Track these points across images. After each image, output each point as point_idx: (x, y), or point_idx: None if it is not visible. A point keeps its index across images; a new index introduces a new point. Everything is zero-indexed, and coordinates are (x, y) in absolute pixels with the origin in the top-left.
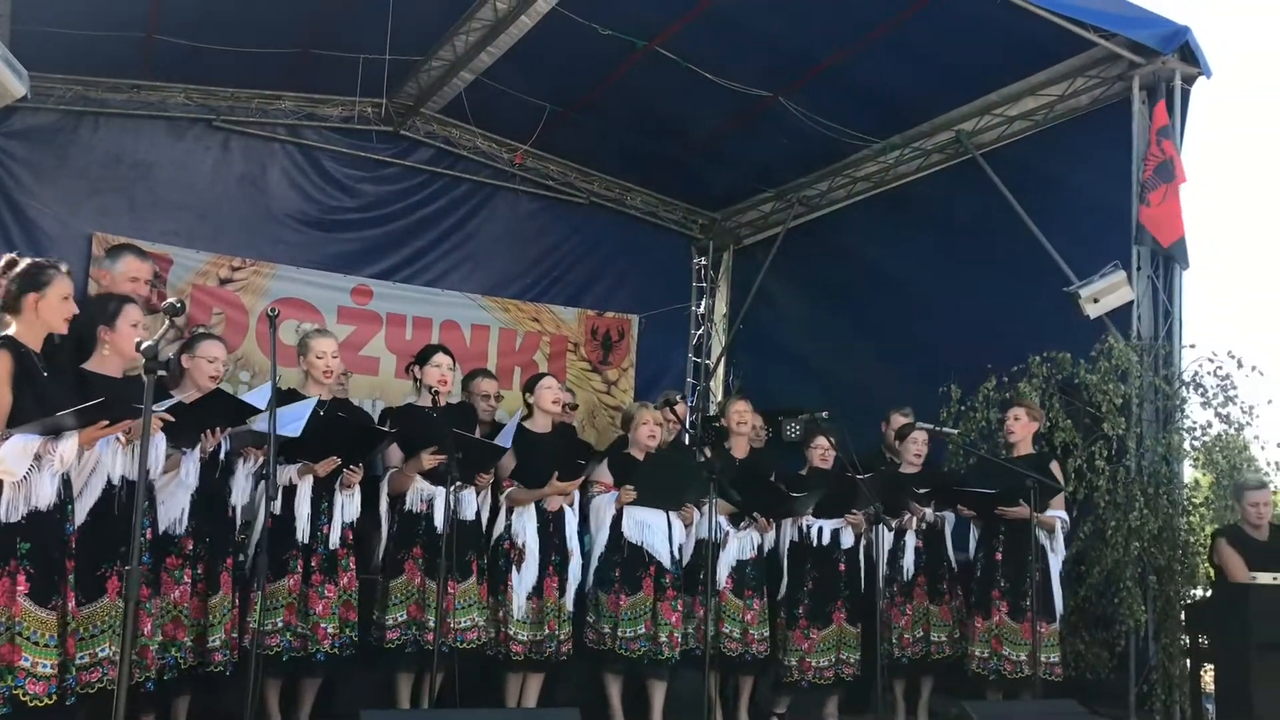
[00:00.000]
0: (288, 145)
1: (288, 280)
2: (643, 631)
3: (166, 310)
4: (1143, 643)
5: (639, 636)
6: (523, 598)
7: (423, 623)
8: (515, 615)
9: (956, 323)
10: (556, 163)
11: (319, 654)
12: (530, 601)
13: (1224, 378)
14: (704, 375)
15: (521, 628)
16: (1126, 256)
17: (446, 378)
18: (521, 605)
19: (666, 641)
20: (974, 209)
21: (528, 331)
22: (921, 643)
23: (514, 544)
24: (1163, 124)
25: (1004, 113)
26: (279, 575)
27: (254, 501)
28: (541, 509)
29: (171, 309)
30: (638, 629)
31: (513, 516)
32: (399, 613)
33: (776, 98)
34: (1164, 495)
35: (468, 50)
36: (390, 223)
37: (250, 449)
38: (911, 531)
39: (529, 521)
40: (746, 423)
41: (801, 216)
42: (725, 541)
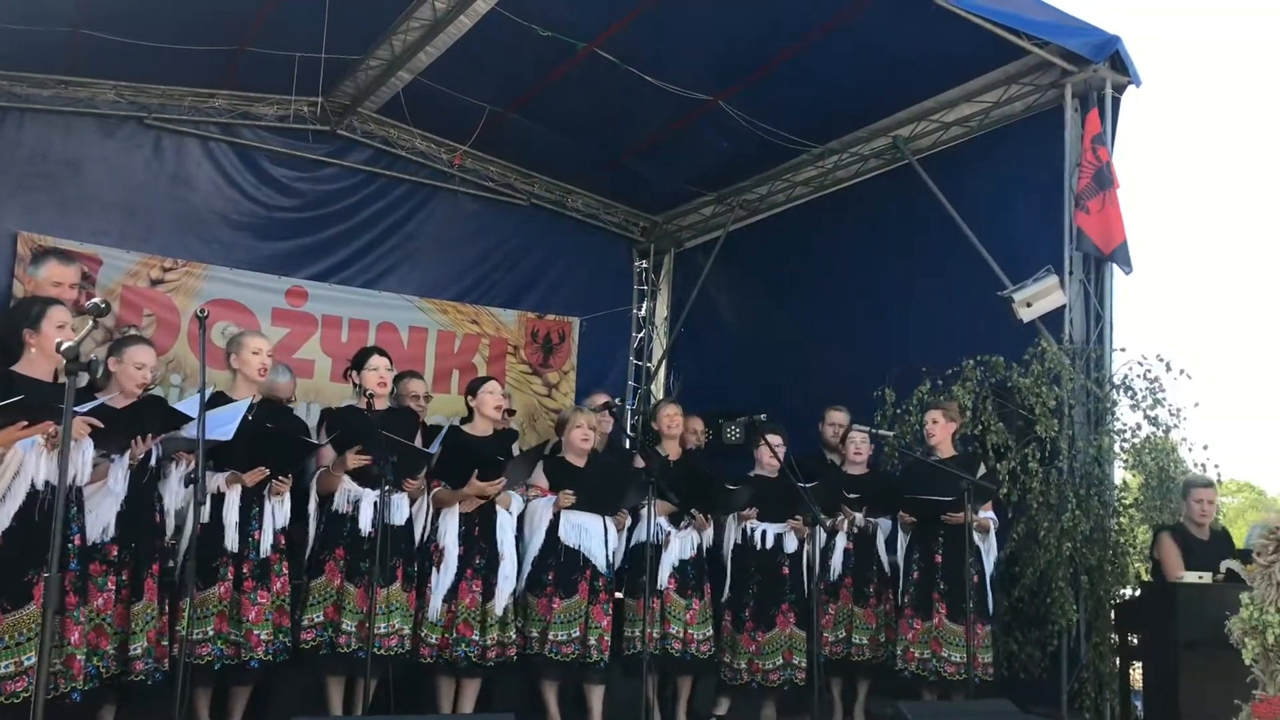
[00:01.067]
0: (221, 144)
1: (220, 281)
2: (576, 635)
3: (91, 311)
4: (1074, 642)
5: (571, 640)
6: (438, 600)
7: (338, 625)
8: (430, 617)
9: (893, 326)
10: (496, 164)
11: (253, 661)
12: (447, 604)
13: (1153, 380)
14: (645, 378)
15: (433, 630)
16: (1059, 261)
17: (385, 379)
18: (437, 607)
19: (596, 645)
20: (911, 213)
21: (466, 334)
22: (843, 644)
23: (437, 546)
24: (1096, 131)
25: (940, 119)
26: (208, 583)
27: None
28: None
29: (96, 309)
30: (571, 632)
31: (439, 519)
32: (316, 614)
33: (716, 101)
34: (1095, 496)
35: (406, 49)
36: (326, 223)
37: (182, 453)
38: (842, 534)
39: (451, 524)
40: (677, 425)
41: (742, 220)
42: (667, 542)
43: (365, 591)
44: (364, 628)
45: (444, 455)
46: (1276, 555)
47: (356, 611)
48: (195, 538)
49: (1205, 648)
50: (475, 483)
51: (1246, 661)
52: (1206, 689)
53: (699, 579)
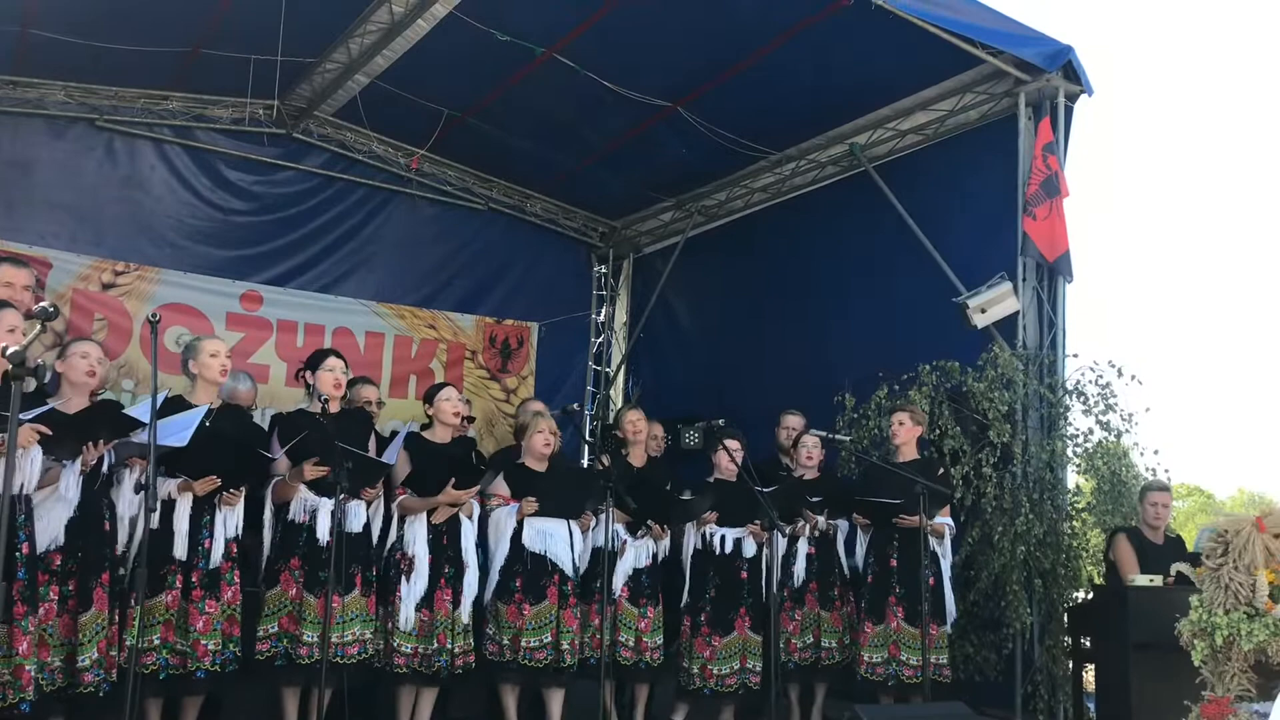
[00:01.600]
0: (175, 147)
1: (174, 285)
2: (548, 640)
3: (38, 315)
4: (1029, 645)
5: (544, 646)
6: (410, 609)
7: (295, 636)
8: (402, 627)
9: (850, 332)
10: (454, 168)
11: (199, 671)
12: (420, 613)
13: (1104, 386)
14: (604, 383)
15: (407, 639)
16: (1013, 268)
17: (340, 381)
18: (409, 617)
19: (568, 649)
20: (867, 220)
21: (424, 339)
22: (812, 649)
23: (404, 554)
24: (1047, 140)
25: (896, 127)
26: (156, 591)
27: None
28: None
29: (44, 313)
30: (543, 638)
31: (405, 527)
32: (271, 624)
33: (675, 108)
34: (1048, 501)
35: (363, 53)
36: (282, 227)
37: (136, 460)
38: (804, 538)
39: (419, 531)
40: (641, 431)
41: (700, 226)
42: (623, 550)
43: (325, 601)
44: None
45: (417, 463)
46: (1225, 559)
47: (317, 621)
48: (145, 545)
49: (1156, 650)
50: (450, 490)
51: (1195, 663)
52: (1157, 690)
53: (653, 588)
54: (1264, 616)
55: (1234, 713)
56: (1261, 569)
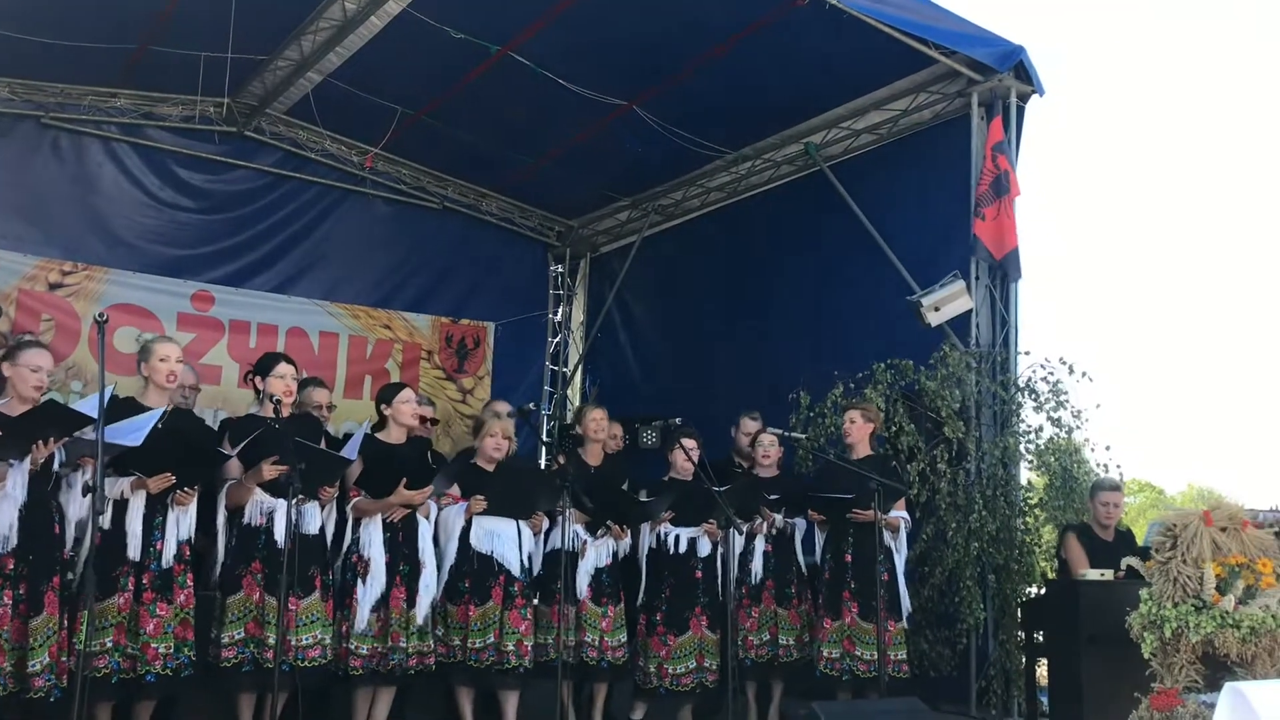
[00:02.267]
0: (123, 145)
1: (123, 285)
2: (491, 641)
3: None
4: (983, 640)
5: (487, 647)
6: (366, 611)
7: (261, 640)
8: (357, 628)
9: (806, 330)
10: (409, 167)
11: (149, 675)
12: (375, 615)
13: (1055, 383)
14: (561, 383)
15: (363, 641)
16: (966, 267)
17: (291, 388)
18: (365, 618)
19: (514, 650)
20: (823, 219)
21: (379, 339)
22: (769, 645)
23: (360, 556)
24: (998, 140)
25: (850, 126)
26: (108, 593)
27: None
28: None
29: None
30: (486, 639)
31: (360, 529)
32: (236, 630)
33: (631, 107)
34: (1001, 497)
35: (315, 50)
36: (234, 227)
37: (87, 459)
38: (761, 536)
39: (375, 533)
40: (603, 430)
41: (657, 225)
42: (584, 550)
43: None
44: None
45: (369, 465)
46: (1173, 552)
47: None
48: (94, 547)
49: (1107, 643)
50: (403, 491)
51: (1145, 655)
52: (1109, 683)
53: (614, 586)
54: (1211, 609)
55: (1182, 703)
56: (1208, 562)
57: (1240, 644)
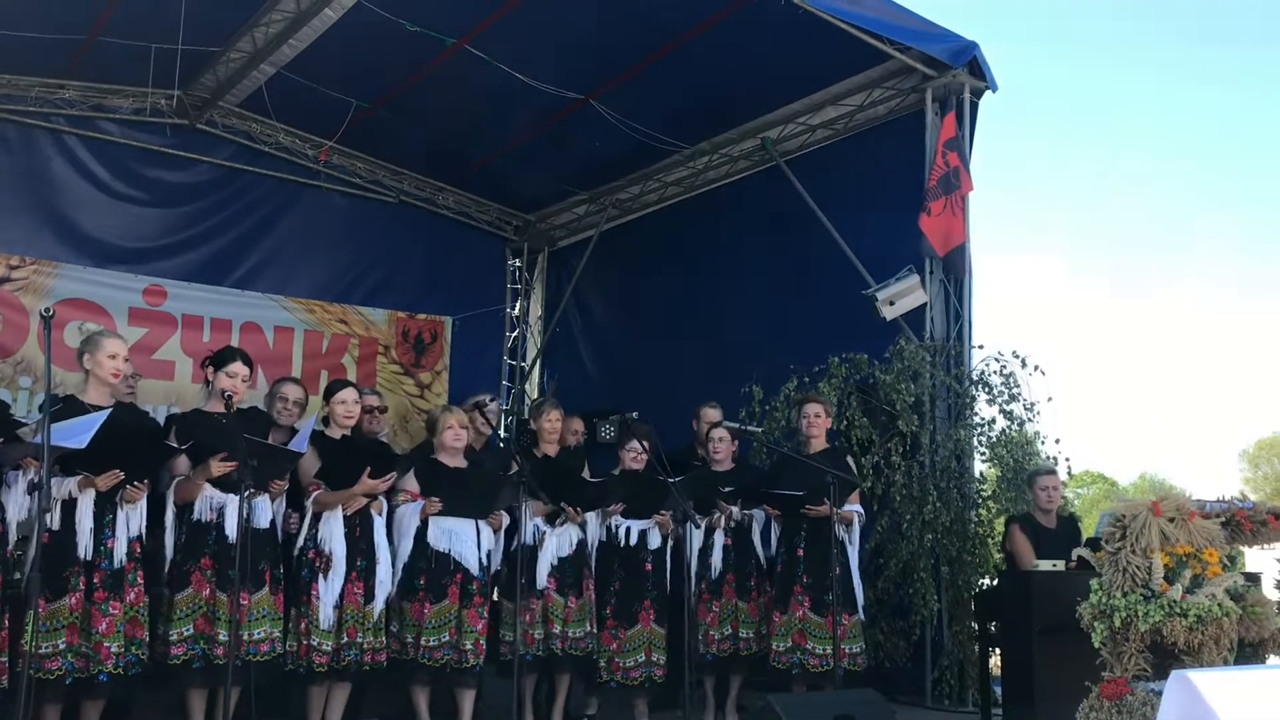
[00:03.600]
0: (72, 137)
1: (73, 280)
2: (446, 640)
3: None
4: (937, 631)
5: (442, 645)
6: (329, 607)
7: (211, 637)
8: (320, 625)
9: (763, 324)
10: (364, 160)
11: (102, 674)
12: (335, 610)
13: (1008, 376)
14: (519, 378)
15: (326, 638)
16: (921, 261)
17: (240, 390)
18: (328, 615)
19: (471, 649)
20: (779, 214)
21: (335, 334)
22: (730, 640)
23: (319, 552)
24: (949, 136)
25: (807, 121)
26: (59, 594)
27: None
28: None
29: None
30: (441, 637)
31: (319, 524)
32: (184, 627)
33: (588, 100)
34: (955, 489)
35: (269, 42)
36: (186, 220)
37: (30, 460)
38: (720, 530)
39: (336, 528)
40: (557, 432)
41: (615, 219)
42: (542, 541)
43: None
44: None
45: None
46: (1123, 543)
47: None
48: (41, 547)
49: (1059, 633)
50: (366, 481)
51: (1095, 644)
52: (1060, 672)
53: (577, 576)
54: (1160, 598)
55: (1131, 692)
56: (1157, 552)
57: (1187, 632)
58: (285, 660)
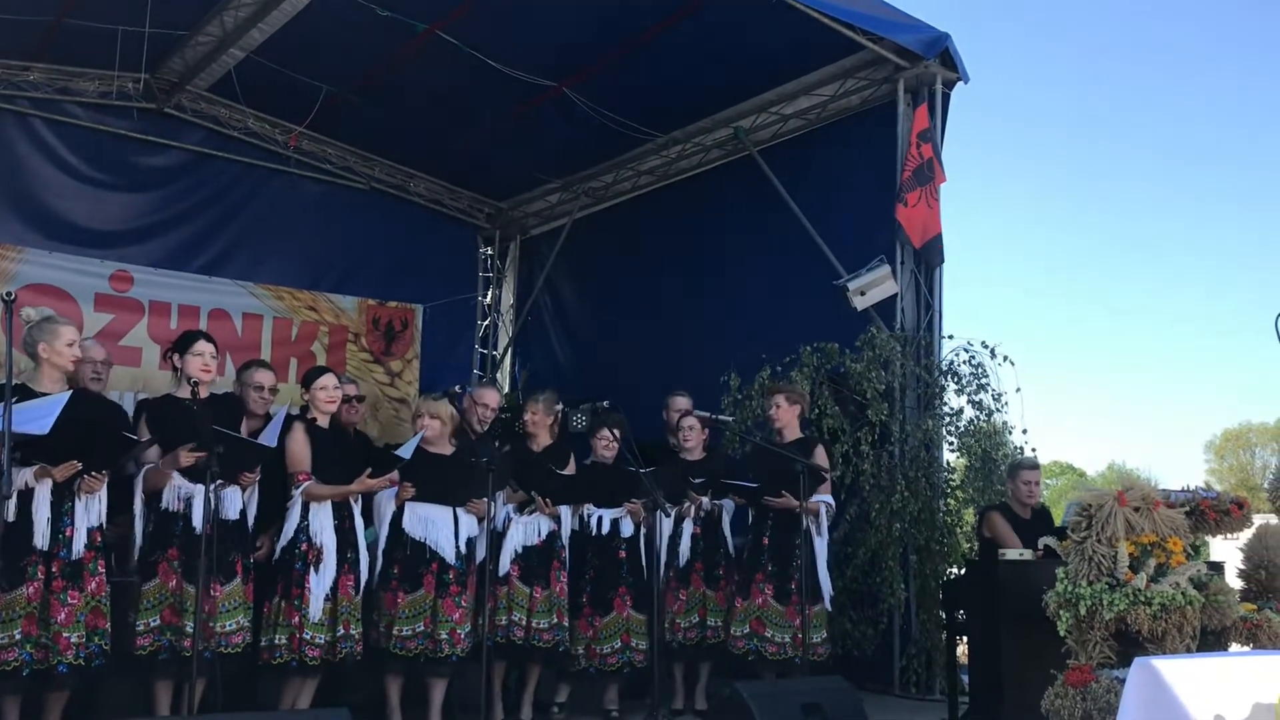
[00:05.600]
0: (38, 120)
1: (38, 265)
2: (421, 629)
3: None
4: (905, 620)
5: (416, 635)
6: (320, 600)
7: (179, 628)
8: (312, 618)
9: (736, 314)
10: (335, 147)
11: (61, 665)
12: (326, 603)
13: (977, 366)
14: (491, 366)
15: (319, 630)
16: (892, 251)
17: (209, 366)
18: (319, 608)
19: (448, 639)
20: (752, 204)
21: (304, 321)
22: (697, 628)
23: (311, 544)
24: (923, 127)
25: (779, 111)
26: (15, 584)
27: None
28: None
29: None
30: (416, 627)
31: (309, 516)
32: (151, 618)
33: (561, 88)
34: (924, 478)
35: (238, 26)
36: (154, 206)
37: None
38: (689, 519)
39: (326, 520)
40: (536, 424)
41: (587, 208)
42: (506, 528)
43: (206, 591)
44: (207, 628)
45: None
46: (1089, 532)
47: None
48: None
49: (1026, 621)
50: (366, 480)
51: (1061, 633)
52: (1027, 660)
53: (544, 567)
54: (1124, 586)
55: (1095, 679)
56: (1122, 540)
57: (1151, 620)
58: (278, 654)
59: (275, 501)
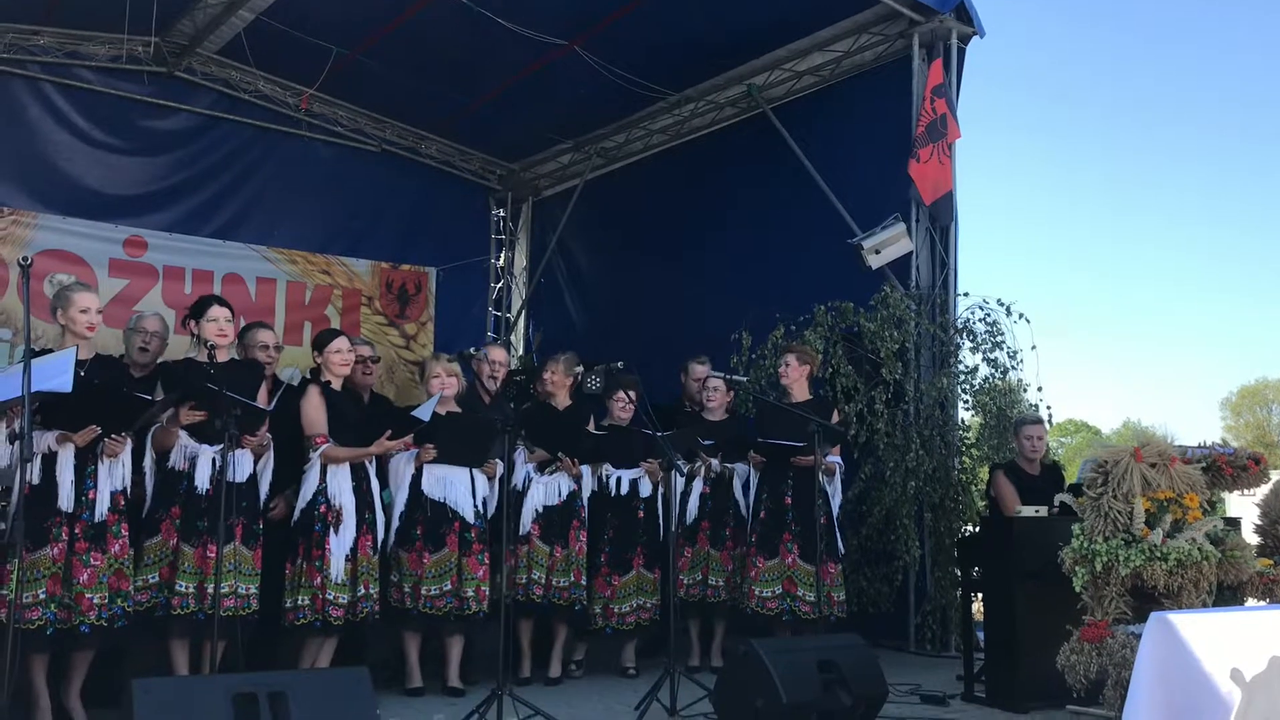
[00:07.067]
0: (49, 85)
1: (52, 231)
2: (448, 588)
3: None
4: (920, 577)
5: (444, 594)
6: (341, 561)
7: (173, 585)
8: (335, 580)
9: (749, 273)
10: (346, 108)
11: (83, 625)
12: (347, 564)
13: (992, 324)
14: (504, 329)
15: (342, 591)
16: (907, 209)
17: (225, 331)
18: (340, 569)
19: (473, 596)
20: (765, 162)
21: (318, 285)
22: (699, 585)
23: (330, 506)
24: (937, 83)
25: (793, 68)
26: (40, 544)
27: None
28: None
29: None
30: (443, 586)
31: (327, 478)
32: (150, 574)
33: (572, 47)
34: (938, 437)
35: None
36: (166, 170)
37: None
38: (699, 479)
39: (345, 482)
40: (558, 384)
41: (599, 168)
42: (527, 487)
43: (202, 551)
44: (203, 589)
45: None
46: (1104, 488)
47: (194, 572)
48: (23, 497)
49: (1041, 578)
50: (384, 442)
51: (1077, 589)
52: (1042, 617)
53: (564, 527)
54: (1140, 542)
55: (1111, 634)
56: (1138, 496)
57: (1167, 576)
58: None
59: (289, 464)
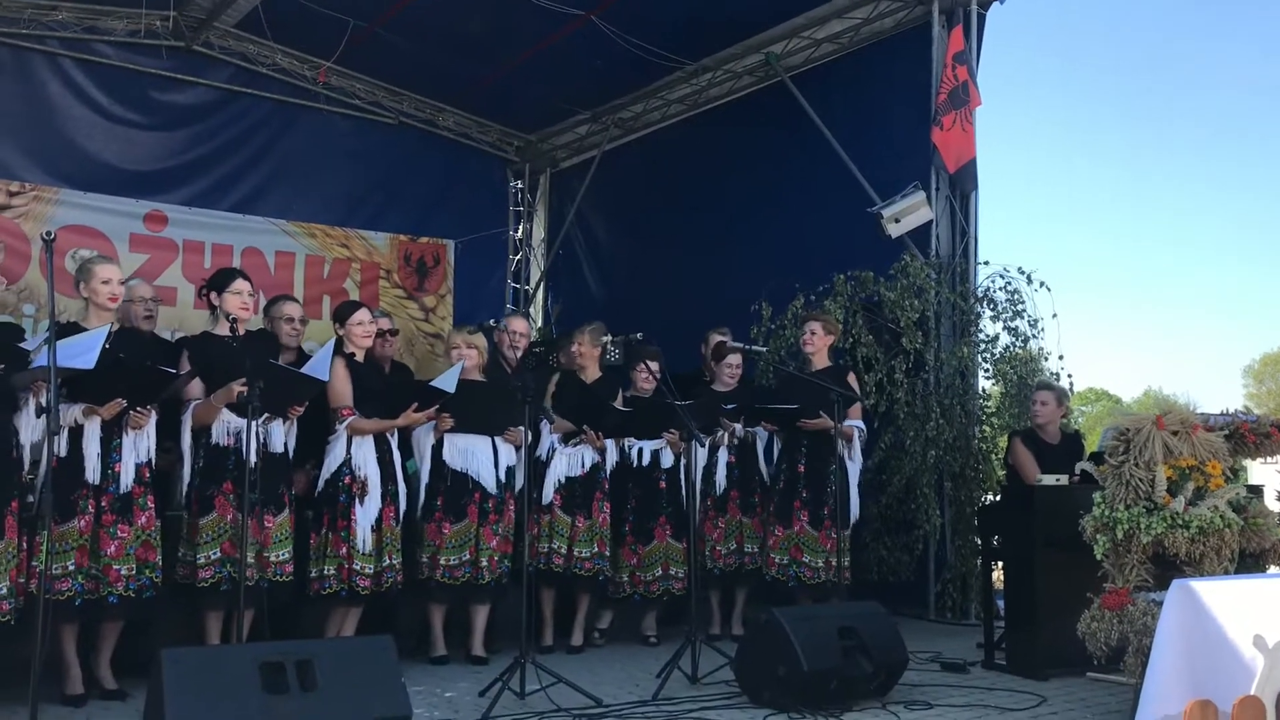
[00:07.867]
0: (68, 60)
1: (74, 206)
2: (467, 558)
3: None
4: (940, 546)
5: (463, 564)
6: (367, 531)
7: (237, 559)
8: (361, 550)
9: (768, 243)
10: (363, 81)
11: (111, 596)
12: (373, 534)
13: (1013, 292)
14: (523, 301)
15: (368, 561)
16: (927, 178)
17: (248, 304)
18: (367, 539)
19: (486, 566)
20: (784, 131)
21: (336, 258)
22: (735, 554)
23: (355, 477)
24: (958, 49)
25: (811, 36)
26: (67, 516)
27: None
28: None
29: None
30: (462, 556)
31: (352, 449)
32: (211, 550)
33: (589, 17)
34: (959, 406)
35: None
36: (185, 144)
37: (41, 383)
38: (724, 447)
39: (369, 453)
40: (586, 355)
41: (617, 139)
42: (550, 457)
43: (259, 523)
44: (262, 558)
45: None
46: (1126, 456)
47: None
48: (51, 470)
49: (1061, 546)
50: (412, 414)
51: (1098, 557)
52: (1063, 585)
53: (587, 497)
54: (1162, 510)
55: (1132, 602)
56: (1160, 464)
57: (1189, 544)
58: (328, 584)
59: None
